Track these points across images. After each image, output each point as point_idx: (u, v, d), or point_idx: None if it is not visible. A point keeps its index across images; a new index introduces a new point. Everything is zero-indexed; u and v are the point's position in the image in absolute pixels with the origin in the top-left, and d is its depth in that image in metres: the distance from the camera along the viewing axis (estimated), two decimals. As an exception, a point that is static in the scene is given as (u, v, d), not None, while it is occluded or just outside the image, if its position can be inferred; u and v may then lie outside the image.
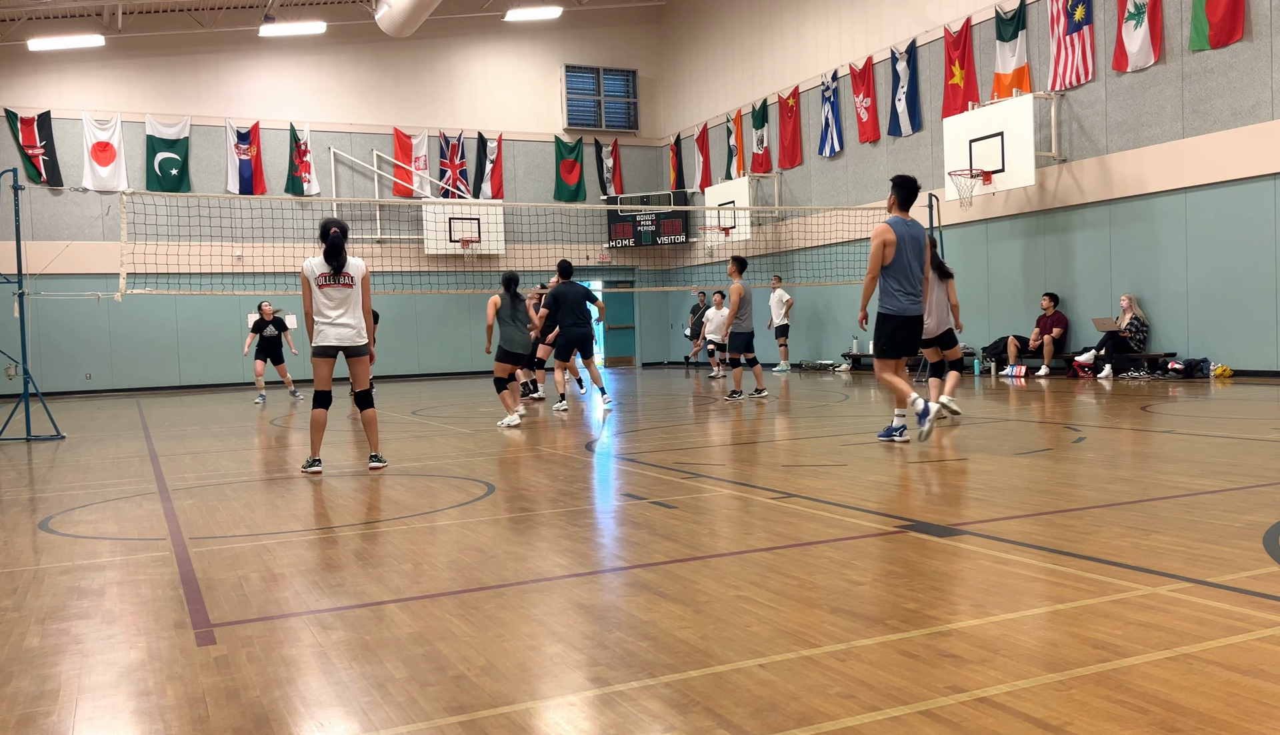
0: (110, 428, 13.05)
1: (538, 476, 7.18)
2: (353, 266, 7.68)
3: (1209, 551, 4.09)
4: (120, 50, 22.90)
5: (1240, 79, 13.85)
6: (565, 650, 3.18)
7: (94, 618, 3.78)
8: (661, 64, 28.30)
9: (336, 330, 7.65)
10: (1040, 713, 2.51)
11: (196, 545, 5.08)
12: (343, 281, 7.64)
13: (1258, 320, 13.85)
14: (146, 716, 2.77)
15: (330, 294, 7.63)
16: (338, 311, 7.64)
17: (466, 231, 25.13)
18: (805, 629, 3.28)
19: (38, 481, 7.97)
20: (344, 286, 7.65)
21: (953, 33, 18.31)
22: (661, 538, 4.84)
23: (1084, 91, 16.09)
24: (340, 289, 7.64)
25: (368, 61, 25.19)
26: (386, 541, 5.04)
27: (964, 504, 5.46)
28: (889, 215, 8.13)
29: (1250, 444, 7.38)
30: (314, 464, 7.71)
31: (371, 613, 3.71)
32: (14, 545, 5.29)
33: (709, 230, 25.14)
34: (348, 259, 7.67)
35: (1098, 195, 15.92)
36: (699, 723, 2.54)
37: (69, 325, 22.08)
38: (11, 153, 21.97)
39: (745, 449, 8.62)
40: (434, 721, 2.63)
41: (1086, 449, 7.50)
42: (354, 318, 7.69)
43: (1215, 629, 3.10)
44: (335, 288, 7.63)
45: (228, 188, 23.66)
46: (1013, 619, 3.30)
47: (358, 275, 7.70)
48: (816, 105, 22.17)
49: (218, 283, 22.32)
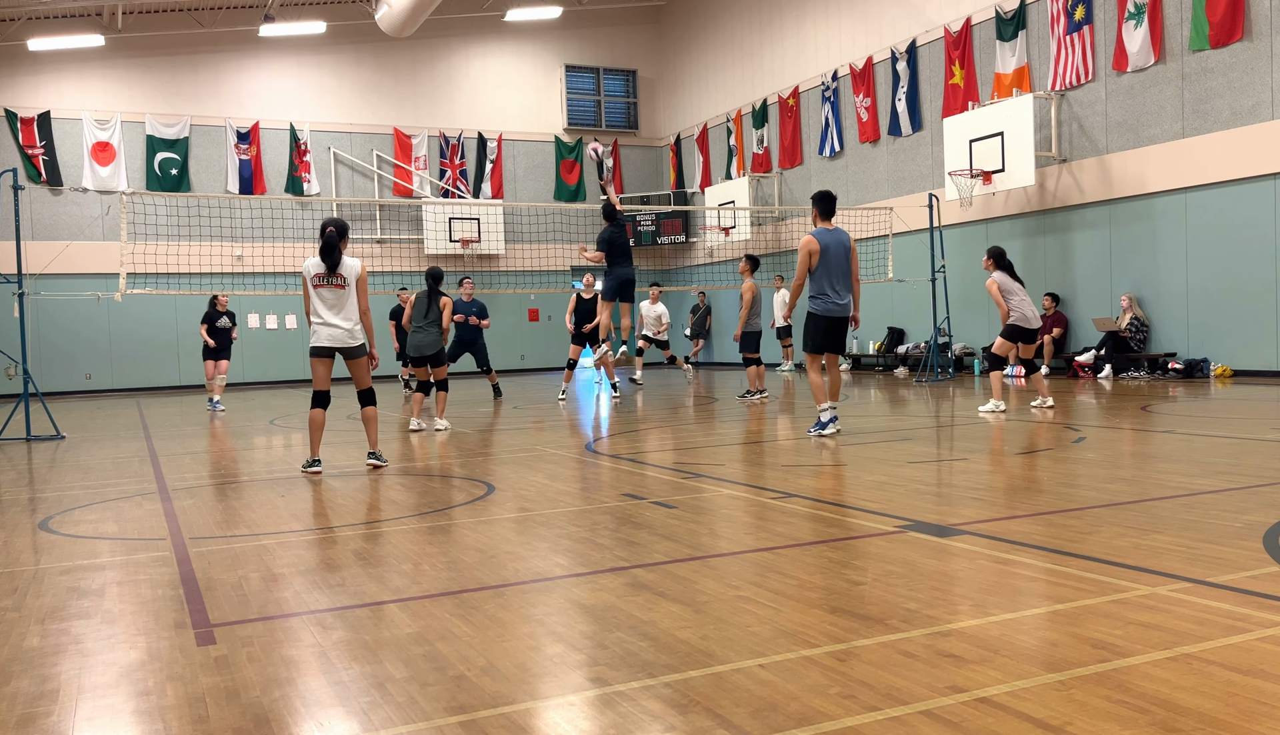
0: (110, 428, 13.04)
1: (538, 476, 7.18)
2: (346, 267, 7.63)
3: (1209, 551, 4.09)
4: (120, 50, 22.90)
5: (1240, 79, 13.85)
6: (565, 650, 3.18)
7: (94, 618, 3.78)
8: (661, 64, 28.30)
9: (329, 331, 7.62)
10: (1040, 713, 2.51)
11: (196, 545, 5.08)
12: (335, 282, 7.60)
13: (1258, 320, 13.85)
14: (146, 716, 2.77)
15: (323, 294, 7.61)
16: (330, 312, 7.61)
17: (466, 231, 25.13)
18: (805, 629, 3.28)
19: (38, 481, 7.97)
20: (336, 287, 7.61)
21: (953, 33, 18.31)
22: (661, 538, 4.84)
23: (1084, 91, 16.09)
24: (333, 290, 7.61)
25: (368, 61, 25.19)
26: (386, 541, 5.04)
27: (964, 504, 5.46)
28: (814, 228, 8.98)
29: (1250, 444, 7.38)
30: (313, 464, 7.70)
31: (371, 613, 3.71)
32: (14, 545, 5.29)
33: (709, 230, 25.14)
34: (343, 259, 7.63)
35: (1098, 195, 15.92)
36: (699, 723, 2.54)
37: (69, 325, 22.07)
38: (11, 153, 21.98)
39: (745, 449, 8.62)
40: (434, 721, 2.63)
41: (1086, 449, 7.50)
42: (347, 319, 7.65)
43: (1215, 629, 3.10)
44: (328, 288, 7.60)
45: (228, 188, 23.66)
46: (1013, 619, 3.30)
47: (351, 276, 7.65)
48: (816, 105, 22.17)
49: (218, 283, 22.29)
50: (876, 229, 20.06)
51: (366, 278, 7.81)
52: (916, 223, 18.25)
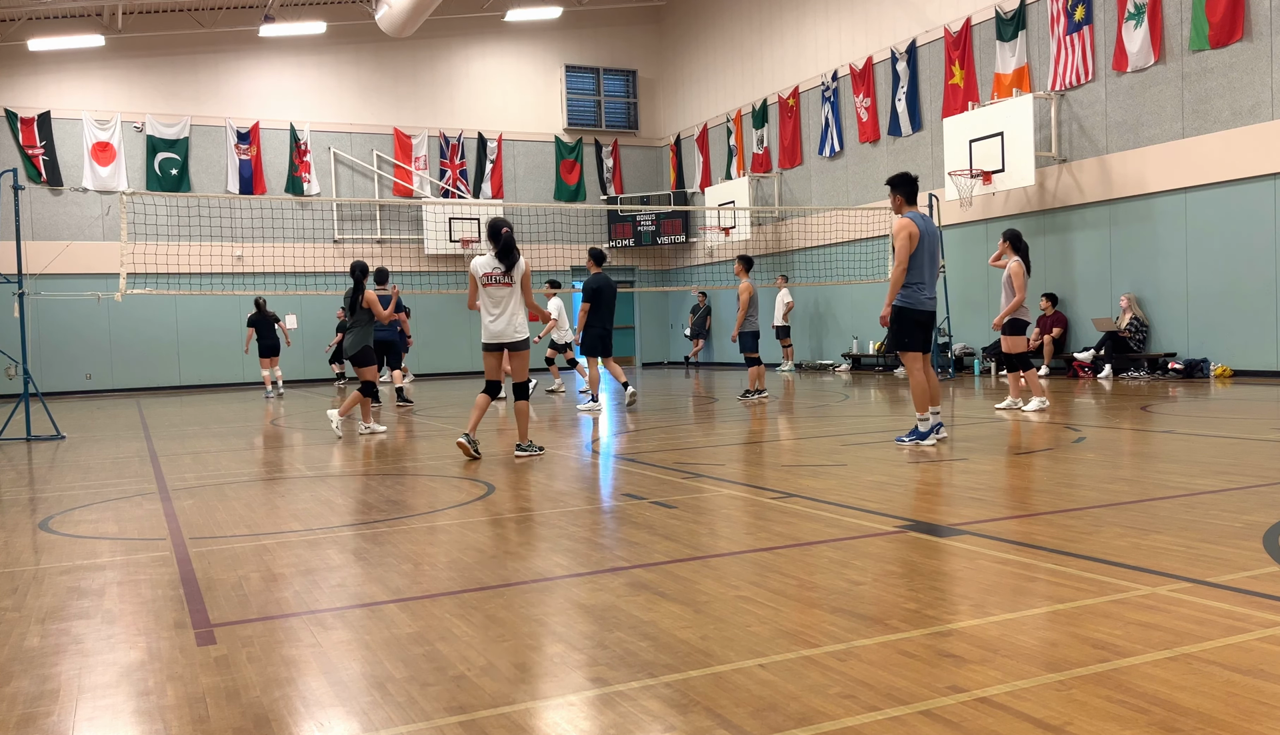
0: (110, 428, 13.04)
1: (538, 476, 7.18)
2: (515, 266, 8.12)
3: (1209, 551, 4.09)
4: (120, 50, 22.90)
5: (1240, 79, 13.85)
6: (565, 650, 3.18)
7: (94, 618, 3.78)
8: (661, 64, 28.30)
9: (497, 326, 8.16)
10: (1040, 713, 2.51)
11: (196, 545, 5.08)
12: (504, 280, 8.10)
13: (1258, 320, 13.85)
14: (146, 716, 2.77)
15: (493, 292, 8.14)
16: (498, 309, 8.15)
17: (466, 231, 25.13)
18: (805, 629, 3.28)
19: (38, 481, 7.97)
20: (504, 285, 8.11)
21: (953, 33, 18.31)
22: (661, 538, 4.84)
23: (1084, 91, 16.09)
24: (501, 287, 8.12)
25: (368, 61, 25.19)
26: (386, 541, 5.04)
27: (964, 504, 5.46)
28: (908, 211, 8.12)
29: (1250, 444, 7.38)
30: (466, 437, 8.10)
31: (371, 613, 3.71)
32: (14, 545, 5.29)
33: (709, 230, 25.13)
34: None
35: (1098, 195, 15.92)
36: (699, 723, 2.54)
37: (69, 325, 22.08)
38: (11, 153, 21.98)
39: (745, 449, 8.62)
40: (434, 721, 2.63)
41: (1086, 449, 7.50)
42: (513, 315, 8.15)
43: (1215, 629, 3.10)
44: (497, 286, 8.11)
45: (228, 188, 23.66)
46: (1013, 619, 3.30)
47: (518, 275, 8.13)
48: (816, 105, 22.17)
49: (218, 283, 22.32)
50: (876, 229, 20.07)
51: (529, 276, 8.27)
52: (916, 223, 18.21)
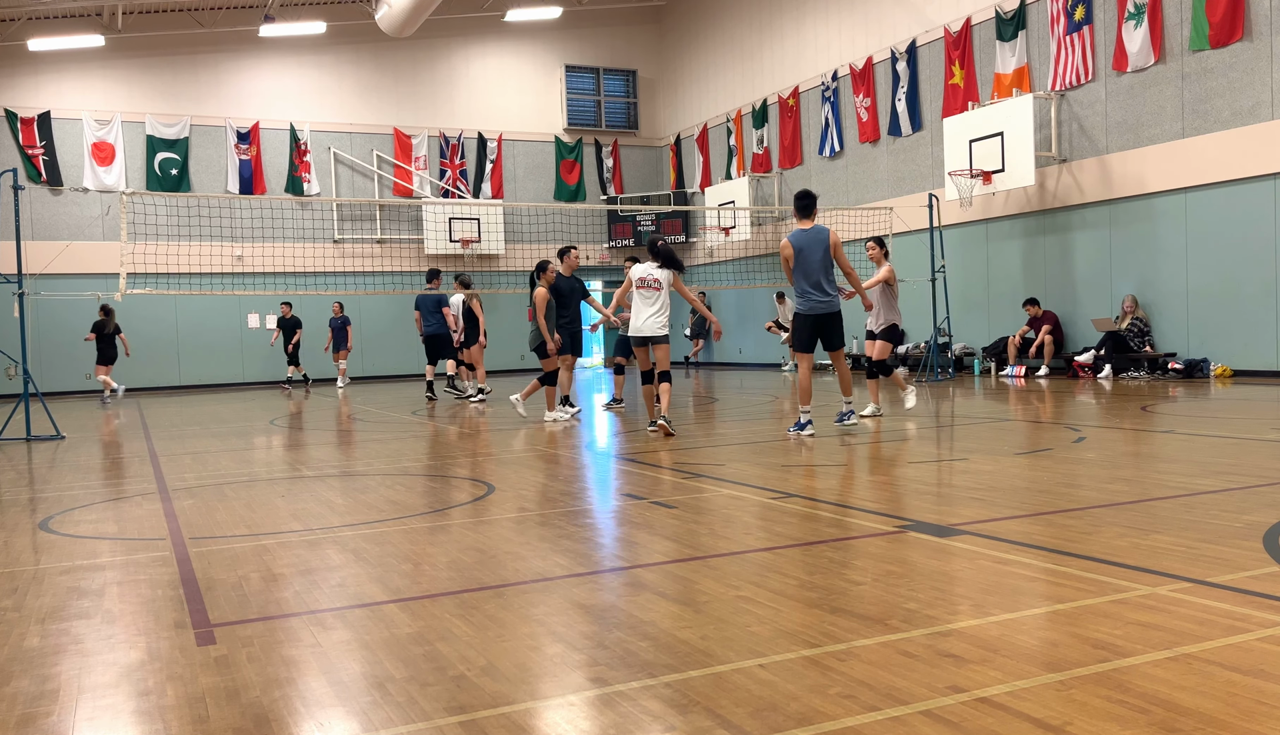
0: (110, 428, 13.04)
1: (538, 476, 7.18)
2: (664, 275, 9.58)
3: (1209, 551, 4.09)
4: (120, 50, 22.90)
5: (1240, 79, 13.85)
6: (565, 650, 3.18)
7: (94, 618, 3.78)
8: (661, 64, 28.29)
9: (648, 324, 9.49)
10: (1040, 713, 2.51)
11: (196, 545, 5.08)
12: (655, 285, 9.51)
13: (1258, 320, 13.84)
14: (146, 716, 2.77)
15: (646, 295, 9.54)
16: (649, 308, 9.49)
17: (466, 231, 25.13)
18: (805, 629, 3.28)
19: (38, 481, 7.97)
20: (654, 289, 9.51)
21: (953, 33, 18.31)
22: (661, 538, 4.84)
23: (1084, 91, 16.08)
24: (652, 291, 9.53)
25: (368, 61, 25.18)
26: (386, 541, 5.04)
27: (964, 504, 5.45)
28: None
29: (1250, 444, 7.38)
30: (652, 425, 9.53)
31: (371, 613, 3.71)
32: (14, 545, 5.29)
33: (709, 230, 25.14)
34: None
35: (1098, 195, 15.92)
36: (699, 723, 2.54)
37: (69, 325, 22.07)
38: (11, 153, 21.97)
39: (745, 449, 8.61)
40: (434, 721, 2.63)
41: (1086, 449, 7.50)
42: (661, 313, 9.50)
43: (1215, 629, 3.10)
44: (649, 290, 9.53)
45: (228, 188, 23.65)
46: (1013, 619, 3.30)
47: (666, 282, 9.56)
48: (816, 105, 22.17)
49: (218, 283, 22.31)
50: (876, 229, 20.06)
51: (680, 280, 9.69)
52: (916, 223, 18.24)
